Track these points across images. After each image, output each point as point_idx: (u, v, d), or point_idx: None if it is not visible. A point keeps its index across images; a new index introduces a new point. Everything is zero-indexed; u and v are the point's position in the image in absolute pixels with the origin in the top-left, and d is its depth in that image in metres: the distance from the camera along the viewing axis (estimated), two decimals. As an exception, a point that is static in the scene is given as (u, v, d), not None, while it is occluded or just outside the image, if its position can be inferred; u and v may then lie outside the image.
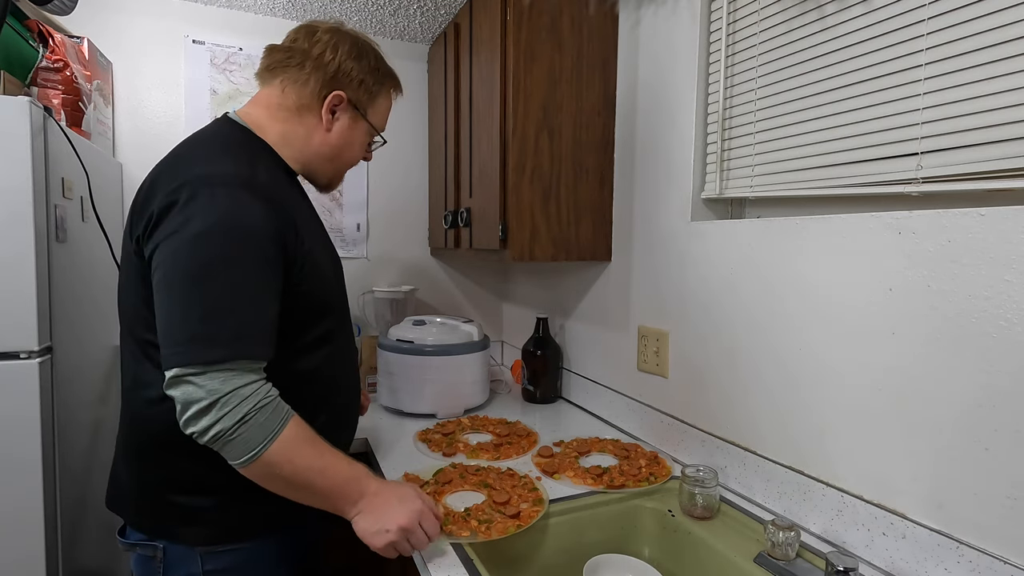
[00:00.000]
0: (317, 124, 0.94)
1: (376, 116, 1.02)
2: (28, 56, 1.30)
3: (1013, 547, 0.69)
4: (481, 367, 1.60)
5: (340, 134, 0.96)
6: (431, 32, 1.95)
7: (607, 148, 1.45)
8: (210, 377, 0.72)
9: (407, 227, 2.10)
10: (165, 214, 0.76)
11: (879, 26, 0.86)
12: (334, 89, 0.93)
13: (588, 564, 0.92)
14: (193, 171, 0.79)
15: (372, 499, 0.83)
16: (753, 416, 1.06)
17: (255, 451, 0.73)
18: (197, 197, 0.76)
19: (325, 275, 0.92)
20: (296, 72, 0.92)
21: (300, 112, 0.93)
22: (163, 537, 0.85)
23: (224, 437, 0.72)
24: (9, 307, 1.07)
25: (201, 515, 0.84)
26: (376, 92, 0.99)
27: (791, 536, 0.84)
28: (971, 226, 0.73)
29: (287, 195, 0.87)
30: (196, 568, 0.85)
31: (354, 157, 1.02)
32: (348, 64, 0.94)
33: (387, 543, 0.82)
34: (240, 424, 0.72)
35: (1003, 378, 0.70)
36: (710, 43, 1.19)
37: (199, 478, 0.84)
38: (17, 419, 1.08)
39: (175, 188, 0.77)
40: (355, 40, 0.96)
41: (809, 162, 0.98)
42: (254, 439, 0.73)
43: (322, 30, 0.94)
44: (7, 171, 1.06)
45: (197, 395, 0.71)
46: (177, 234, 0.75)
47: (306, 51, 0.92)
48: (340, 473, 0.81)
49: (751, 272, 1.06)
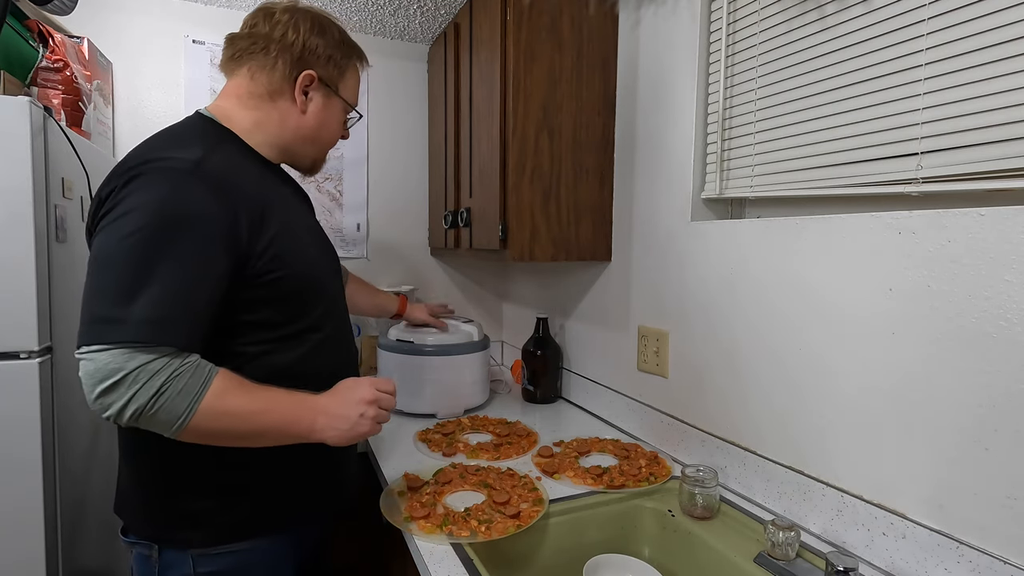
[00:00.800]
0: (291, 107, 0.92)
1: (348, 91, 1.00)
2: (28, 56, 1.30)
3: (1013, 547, 0.69)
4: (481, 367, 1.60)
5: (316, 114, 0.94)
6: (431, 32, 1.95)
7: (607, 148, 1.45)
8: (114, 355, 0.69)
9: (407, 227, 2.10)
10: (105, 201, 0.75)
11: (879, 26, 0.86)
12: (303, 69, 0.91)
13: (588, 564, 0.92)
14: (139, 159, 0.77)
15: (328, 408, 0.82)
16: (753, 416, 1.06)
17: (183, 418, 0.71)
18: (134, 181, 0.74)
19: (306, 264, 0.89)
20: (262, 58, 0.90)
21: (272, 97, 0.91)
22: (159, 540, 0.84)
23: (144, 414, 0.69)
24: (9, 307, 1.07)
25: (196, 518, 0.84)
26: (345, 66, 0.97)
27: (791, 536, 0.84)
28: (971, 226, 0.73)
29: (250, 182, 0.84)
30: (188, 570, 0.84)
31: (333, 136, 1.00)
32: (313, 41, 0.91)
33: (370, 421, 0.84)
34: (157, 396, 0.69)
35: (1003, 378, 0.70)
36: (710, 43, 1.19)
37: (193, 480, 0.83)
38: (17, 419, 1.08)
39: (118, 175, 0.76)
40: (315, 16, 0.94)
41: (809, 162, 0.98)
42: (177, 407, 0.70)
43: (279, 10, 0.91)
44: (7, 171, 1.06)
45: (100, 374, 0.68)
46: (110, 216, 0.74)
47: (268, 34, 0.90)
48: (282, 405, 0.79)
49: (751, 272, 1.06)
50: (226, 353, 0.80)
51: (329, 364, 0.93)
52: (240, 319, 0.82)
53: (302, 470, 0.90)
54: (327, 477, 0.96)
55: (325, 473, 0.95)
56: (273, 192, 0.89)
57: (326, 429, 0.82)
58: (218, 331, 0.79)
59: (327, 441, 0.82)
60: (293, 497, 0.90)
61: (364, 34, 1.98)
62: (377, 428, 0.86)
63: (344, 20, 1.85)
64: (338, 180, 1.98)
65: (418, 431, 1.40)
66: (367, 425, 0.84)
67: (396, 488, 1.07)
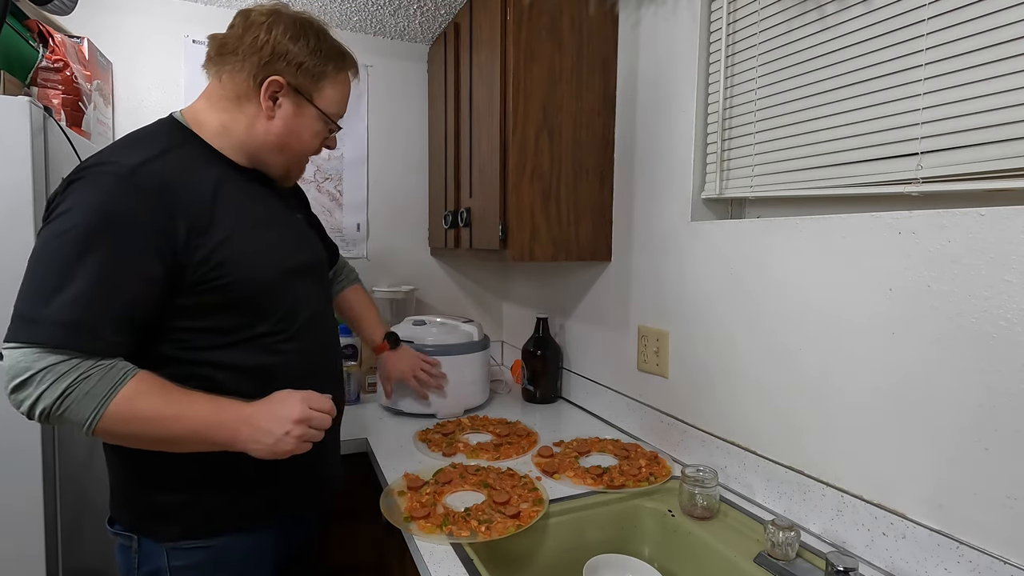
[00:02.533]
0: (258, 112, 0.88)
1: (325, 101, 0.93)
2: (28, 56, 1.30)
3: (1013, 547, 0.69)
4: (481, 367, 1.60)
5: (284, 122, 0.89)
6: (431, 32, 1.95)
7: (607, 148, 1.45)
8: (25, 354, 0.69)
9: (407, 227, 2.10)
10: (50, 203, 0.77)
11: (879, 26, 0.86)
12: (270, 74, 0.86)
13: (588, 564, 0.92)
14: (86, 163, 0.77)
15: (252, 419, 0.79)
16: (753, 416, 1.06)
17: (89, 420, 0.70)
18: (74, 184, 0.75)
19: (261, 268, 0.86)
20: (232, 59, 0.87)
21: (239, 101, 0.88)
22: (138, 532, 0.86)
23: (52, 413, 0.69)
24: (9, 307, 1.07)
25: (166, 511, 0.85)
26: (319, 75, 0.91)
27: (791, 536, 0.84)
28: (971, 226, 0.73)
29: (199, 188, 0.82)
30: (163, 563, 0.85)
31: (306, 147, 0.95)
32: (284, 46, 0.86)
33: (295, 440, 0.80)
34: (63, 398, 0.69)
35: (1003, 378, 0.70)
36: (710, 43, 1.19)
37: (163, 474, 0.84)
38: (17, 419, 1.07)
39: (66, 179, 0.76)
40: (293, 20, 0.89)
41: (809, 162, 0.98)
42: (84, 409, 0.70)
43: (257, 12, 0.88)
44: (7, 171, 1.06)
45: (13, 371, 0.69)
46: (49, 217, 0.75)
47: (240, 36, 0.87)
48: (202, 412, 0.77)
49: (751, 272, 1.06)
50: (172, 361, 0.79)
51: (299, 364, 0.90)
52: (187, 325, 0.81)
53: (274, 468, 0.86)
54: (302, 476, 0.94)
55: (300, 472, 0.93)
56: (231, 198, 0.86)
57: (248, 441, 0.78)
58: (159, 338, 0.79)
59: (251, 453, 0.79)
60: (266, 495, 0.90)
61: (364, 34, 1.98)
62: (303, 447, 0.82)
63: (344, 20, 1.86)
64: (338, 180, 1.98)
65: (418, 431, 1.40)
66: (291, 444, 0.80)
67: (396, 488, 1.07)
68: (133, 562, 0.87)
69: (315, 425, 0.83)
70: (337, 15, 1.83)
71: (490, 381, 1.70)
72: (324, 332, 1.00)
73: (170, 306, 0.79)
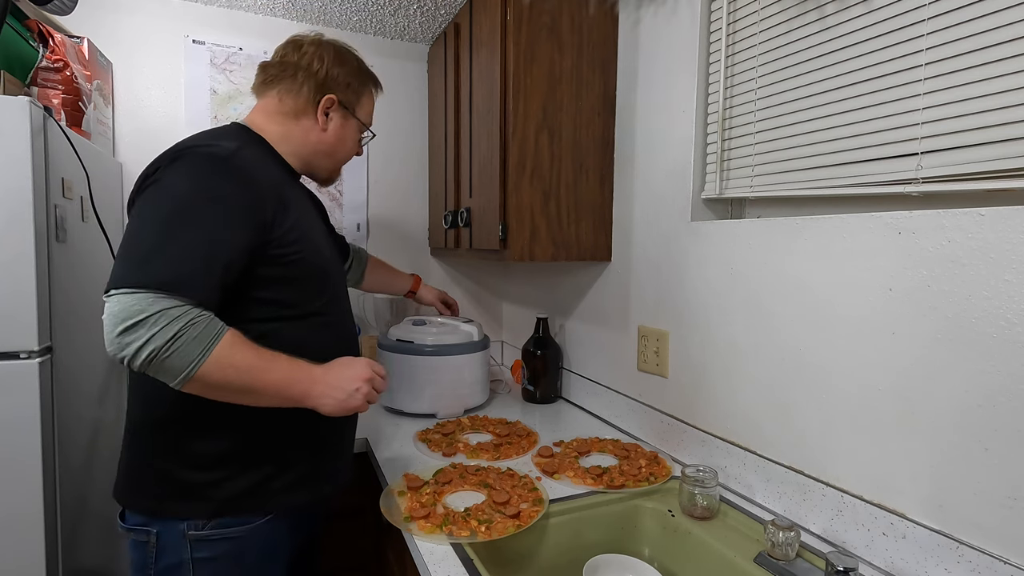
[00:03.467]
0: (313, 125, 1.05)
1: (363, 113, 1.13)
2: (28, 56, 1.30)
3: (1013, 547, 0.69)
4: (481, 367, 1.60)
5: (335, 132, 1.07)
6: (431, 32, 1.95)
7: (607, 148, 1.45)
8: (138, 298, 0.73)
9: (407, 227, 2.10)
10: (151, 175, 0.85)
11: (879, 26, 0.86)
12: (325, 93, 1.04)
13: (588, 564, 0.92)
14: (184, 145, 0.88)
15: (324, 377, 0.88)
16: (753, 416, 1.06)
17: (194, 364, 0.75)
18: (178, 161, 0.85)
19: (318, 253, 0.98)
20: (290, 82, 1.03)
21: (297, 116, 1.04)
22: (162, 516, 0.87)
23: (159, 356, 0.73)
24: (9, 307, 1.07)
25: (204, 490, 0.87)
26: (361, 92, 1.11)
27: (791, 536, 0.84)
28: (971, 226, 0.73)
29: (275, 177, 0.95)
30: (186, 554, 0.87)
31: (348, 152, 1.13)
32: (335, 71, 1.05)
33: (362, 397, 0.91)
34: (174, 340, 0.74)
35: (1003, 378, 0.70)
36: (710, 43, 1.19)
37: (195, 452, 0.87)
38: (17, 419, 1.08)
39: (165, 155, 0.86)
40: (337, 48, 1.08)
41: (809, 162, 0.98)
42: (191, 352, 0.75)
43: (307, 43, 1.06)
44: (7, 171, 1.06)
45: (124, 314, 0.73)
46: (153, 187, 0.83)
47: (296, 63, 1.04)
48: (283, 367, 0.84)
49: (751, 272, 1.06)
50: (237, 324, 0.84)
51: (332, 347, 0.98)
52: (256, 295, 0.89)
53: (300, 451, 0.95)
54: (324, 462, 0.99)
55: (323, 458, 0.99)
56: (292, 191, 0.99)
57: (322, 396, 0.87)
58: (233, 303, 0.86)
59: (320, 409, 0.88)
60: (290, 478, 0.94)
61: (364, 34, 1.98)
62: (366, 407, 0.93)
63: (344, 20, 1.86)
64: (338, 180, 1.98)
65: (418, 431, 1.40)
66: (359, 400, 0.90)
67: (396, 488, 1.07)
68: (149, 557, 0.88)
69: (376, 387, 0.94)
70: (337, 15, 1.84)
71: (490, 381, 1.70)
72: (350, 323, 1.11)
73: (248, 276, 0.87)
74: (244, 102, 1.82)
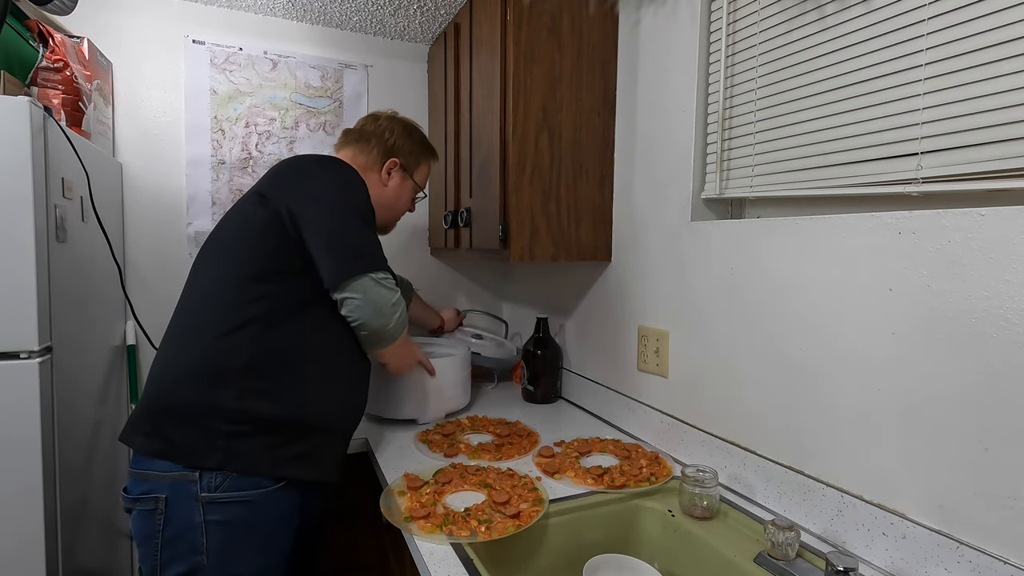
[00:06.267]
0: (377, 180, 1.27)
1: (419, 177, 1.35)
2: (28, 56, 1.30)
3: (1013, 547, 0.69)
4: (461, 369, 1.55)
5: (393, 189, 1.30)
6: (431, 32, 1.95)
7: (607, 148, 1.45)
8: (387, 276, 1.06)
9: (407, 227, 2.10)
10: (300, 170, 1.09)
11: (879, 26, 0.86)
12: (391, 156, 1.28)
13: (588, 564, 0.92)
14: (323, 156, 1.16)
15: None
16: (753, 416, 1.06)
17: (396, 339, 1.13)
18: (333, 167, 1.12)
19: None
20: (364, 145, 1.28)
21: (366, 171, 1.26)
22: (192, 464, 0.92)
23: (391, 333, 1.10)
24: (9, 307, 1.07)
25: (246, 441, 0.94)
26: (420, 160, 1.34)
27: (791, 536, 0.84)
28: (971, 226, 0.73)
29: None
30: (198, 517, 0.90)
31: (403, 208, 1.35)
32: (401, 140, 1.30)
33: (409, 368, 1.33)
34: (400, 325, 1.12)
35: (1003, 378, 0.70)
36: (710, 43, 1.19)
37: (238, 400, 0.94)
38: (17, 419, 1.08)
39: (315, 159, 1.12)
40: (406, 124, 1.33)
41: (809, 162, 0.98)
42: (399, 332, 1.13)
43: (384, 118, 1.32)
44: (7, 171, 1.06)
45: (389, 284, 1.06)
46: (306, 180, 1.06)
47: (372, 131, 1.29)
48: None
49: (751, 272, 1.06)
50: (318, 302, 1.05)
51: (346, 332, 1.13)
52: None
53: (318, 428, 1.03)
54: (334, 446, 1.09)
55: (331, 441, 1.08)
56: None
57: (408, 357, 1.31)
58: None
59: (390, 362, 1.23)
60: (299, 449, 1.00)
61: (364, 34, 1.98)
62: (407, 373, 1.37)
63: (344, 20, 1.86)
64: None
65: (418, 432, 1.40)
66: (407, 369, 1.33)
67: (396, 488, 1.07)
68: (156, 525, 0.90)
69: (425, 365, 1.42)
70: (337, 15, 1.84)
71: (471, 380, 1.64)
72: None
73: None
74: (244, 102, 1.82)
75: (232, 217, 1.08)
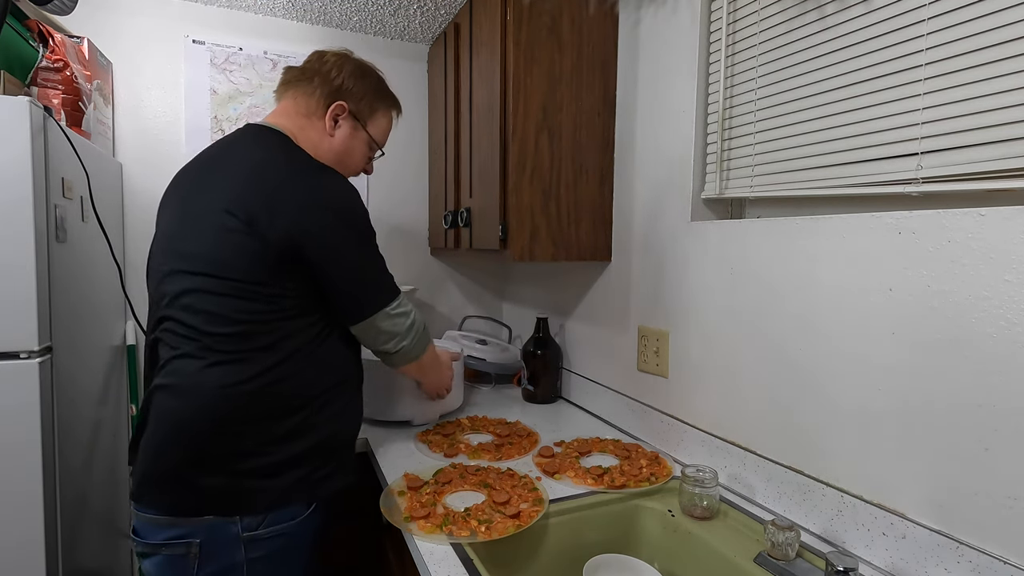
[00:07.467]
0: (322, 128, 1.08)
1: (375, 129, 1.15)
2: (28, 56, 1.30)
3: (1013, 547, 0.69)
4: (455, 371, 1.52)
5: (342, 140, 1.09)
6: (431, 32, 1.95)
7: (607, 148, 1.45)
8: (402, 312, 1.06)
9: (407, 227, 2.10)
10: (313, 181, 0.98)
11: (879, 26, 0.86)
12: (337, 99, 1.08)
13: (588, 564, 0.92)
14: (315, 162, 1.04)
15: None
16: (753, 416, 1.06)
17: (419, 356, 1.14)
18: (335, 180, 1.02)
19: None
20: (306, 85, 1.08)
21: (309, 117, 1.07)
22: (229, 511, 0.87)
23: (413, 353, 1.11)
24: (9, 307, 1.07)
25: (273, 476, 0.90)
26: (375, 109, 1.14)
27: (791, 536, 0.84)
28: (971, 226, 0.73)
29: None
30: (239, 557, 0.87)
31: (356, 164, 1.15)
32: (350, 82, 1.09)
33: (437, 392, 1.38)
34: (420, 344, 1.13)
35: (1003, 378, 0.70)
36: (710, 43, 1.19)
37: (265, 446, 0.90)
38: (17, 419, 1.08)
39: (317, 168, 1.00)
40: (359, 64, 1.13)
41: (809, 162, 0.98)
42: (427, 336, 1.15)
43: (331, 54, 1.12)
44: (7, 171, 1.06)
45: (407, 306, 1.07)
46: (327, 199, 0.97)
47: (316, 69, 1.09)
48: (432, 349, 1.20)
49: (751, 272, 1.06)
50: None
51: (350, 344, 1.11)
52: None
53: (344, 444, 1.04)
54: (350, 452, 1.08)
55: (350, 449, 1.08)
56: None
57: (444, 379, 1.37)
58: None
59: (427, 382, 1.31)
60: (330, 468, 0.99)
61: (364, 34, 1.98)
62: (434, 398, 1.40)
63: (344, 20, 1.86)
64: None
65: (418, 432, 1.40)
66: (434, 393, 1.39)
67: (396, 488, 1.07)
68: (189, 569, 0.86)
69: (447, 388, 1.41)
70: (337, 15, 1.84)
71: (466, 379, 1.64)
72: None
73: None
74: (244, 102, 1.82)
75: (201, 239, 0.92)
